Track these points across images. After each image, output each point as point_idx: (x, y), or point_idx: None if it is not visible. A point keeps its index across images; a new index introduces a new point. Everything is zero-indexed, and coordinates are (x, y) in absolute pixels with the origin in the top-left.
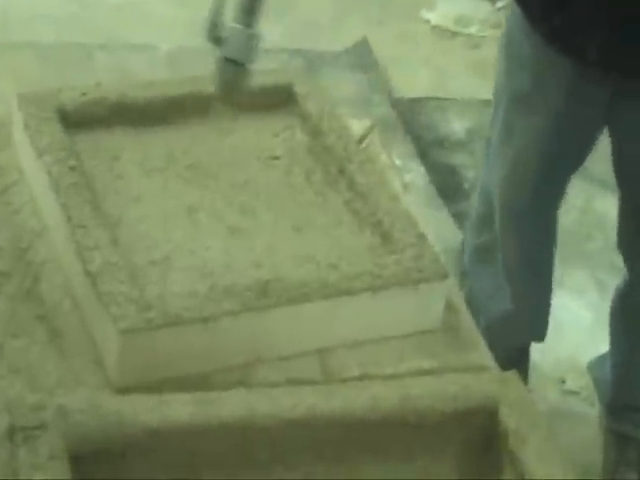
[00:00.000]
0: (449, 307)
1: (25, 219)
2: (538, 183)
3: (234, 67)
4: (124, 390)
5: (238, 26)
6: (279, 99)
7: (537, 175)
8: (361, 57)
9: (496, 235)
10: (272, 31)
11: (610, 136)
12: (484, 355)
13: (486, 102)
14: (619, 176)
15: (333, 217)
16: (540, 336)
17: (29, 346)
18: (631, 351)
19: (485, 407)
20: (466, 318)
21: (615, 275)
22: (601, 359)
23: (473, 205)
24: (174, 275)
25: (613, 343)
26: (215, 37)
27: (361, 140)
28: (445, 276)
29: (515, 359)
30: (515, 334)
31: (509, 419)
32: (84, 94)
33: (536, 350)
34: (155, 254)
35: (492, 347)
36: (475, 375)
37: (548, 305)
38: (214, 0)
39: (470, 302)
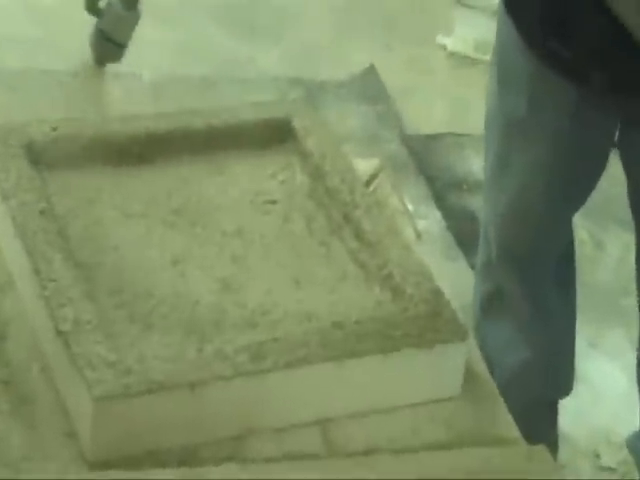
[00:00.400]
0: (469, 371)
1: None
2: (542, 222)
3: (108, 43)
4: (99, 465)
5: (117, 3)
6: (276, 135)
7: (540, 214)
8: (368, 87)
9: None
10: (268, 56)
11: (624, 167)
12: (509, 426)
13: None
14: (636, 212)
15: (337, 269)
16: (565, 389)
17: None
18: None
19: None
20: (488, 384)
21: None
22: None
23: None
24: (157, 335)
25: None
26: (95, 9)
27: (369, 182)
28: (464, 336)
29: (538, 418)
30: (535, 387)
31: None
32: (55, 129)
33: (568, 419)
34: (135, 310)
35: (510, 404)
36: (499, 449)
37: (571, 353)
38: None
39: (483, 356)
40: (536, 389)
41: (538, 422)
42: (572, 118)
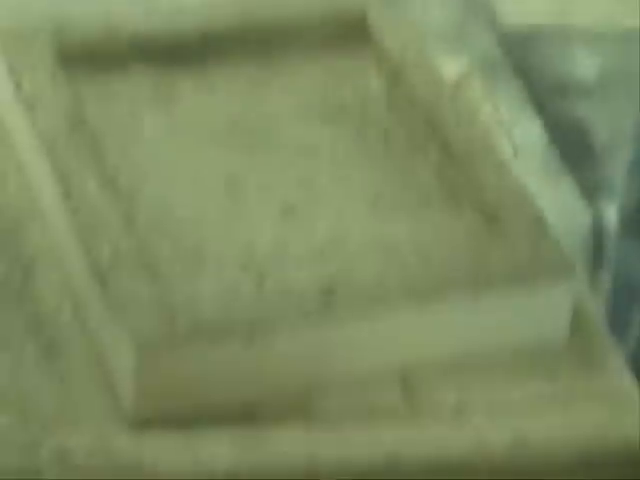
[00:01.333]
0: (577, 312)
1: (11, 196)
2: None
3: None
4: (143, 425)
5: None
6: (346, 32)
7: None
8: None
9: None
10: None
11: None
12: (624, 379)
13: (628, 32)
14: None
15: (421, 192)
16: None
17: (18, 366)
18: None
19: (626, 453)
20: (600, 327)
21: None
22: None
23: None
24: (208, 270)
25: None
26: None
27: (457, 86)
28: (572, 270)
29: None
30: None
31: None
32: (90, 26)
33: None
34: (183, 242)
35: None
36: (612, 408)
37: None
38: None
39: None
40: None
41: None
42: None
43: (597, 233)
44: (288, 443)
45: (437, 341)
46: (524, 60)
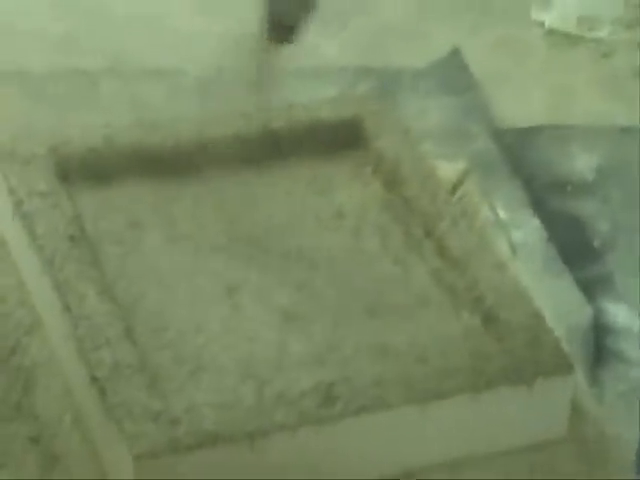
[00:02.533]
0: (576, 410)
1: (11, 310)
2: None
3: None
4: None
5: None
6: (344, 138)
7: None
8: (452, 75)
9: None
10: (333, 42)
11: None
12: (623, 474)
13: (623, 130)
14: None
15: (417, 293)
16: None
17: (19, 478)
18: None
19: None
20: (599, 425)
21: None
22: None
23: None
24: (208, 378)
25: None
26: None
27: (454, 189)
28: (571, 369)
29: None
30: None
31: None
32: (87, 138)
33: None
34: (183, 350)
35: None
36: None
37: None
38: None
39: None
40: None
41: None
42: None
43: (598, 329)
44: None
45: (437, 443)
46: (521, 160)
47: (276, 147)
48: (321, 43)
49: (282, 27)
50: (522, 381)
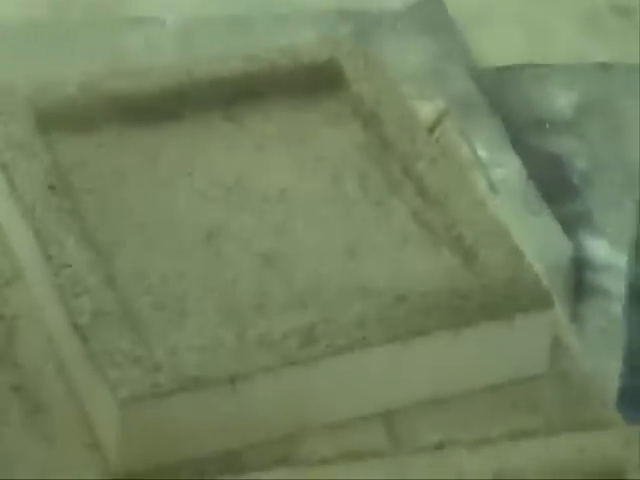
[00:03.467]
0: (556, 345)
1: None
2: None
3: None
4: (127, 478)
5: None
6: (322, 81)
7: None
8: (430, 15)
9: None
10: None
11: None
12: (604, 408)
13: (602, 66)
14: None
15: (398, 233)
16: None
17: (3, 426)
18: None
19: (608, 471)
20: (579, 359)
21: None
22: None
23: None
24: (190, 322)
25: None
26: None
27: (432, 129)
28: (550, 304)
29: None
30: None
31: None
32: (66, 86)
33: None
34: (164, 296)
35: None
36: (592, 434)
37: None
38: None
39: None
40: None
41: None
42: None
43: (578, 265)
44: None
45: (418, 380)
46: (500, 99)
47: (255, 91)
48: None
49: None
50: (502, 317)
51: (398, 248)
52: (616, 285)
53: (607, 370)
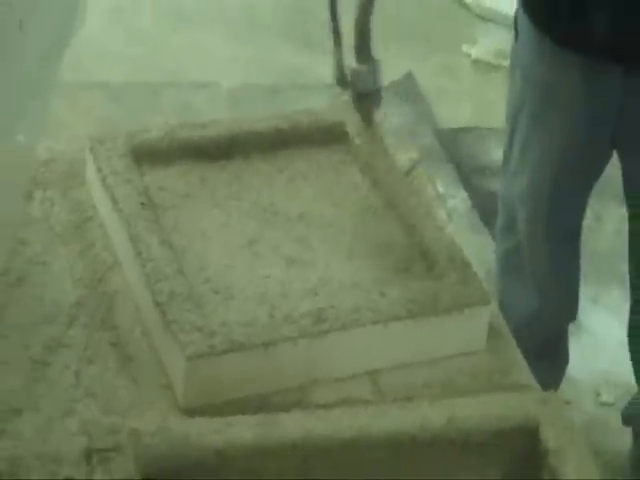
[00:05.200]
0: (492, 329)
1: (99, 253)
2: (556, 195)
3: (366, 99)
4: (191, 412)
5: (360, 65)
6: (332, 136)
7: (554, 188)
8: (407, 90)
9: (520, 241)
10: (324, 65)
11: (619, 156)
12: (526, 375)
13: None
14: (627, 196)
15: (384, 246)
16: (572, 318)
17: (103, 371)
18: None
19: (526, 426)
20: (508, 340)
21: None
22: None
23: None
24: (236, 303)
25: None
26: (342, 81)
27: (408, 172)
28: (488, 301)
29: (551, 346)
30: (545, 328)
31: (549, 438)
32: (153, 133)
33: (572, 364)
34: (218, 284)
35: (523, 345)
36: (517, 395)
37: (576, 296)
38: (335, 52)
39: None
40: (546, 331)
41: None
42: (579, 99)
43: None
44: (290, 424)
45: (394, 350)
46: (455, 151)
47: (284, 141)
48: (315, 66)
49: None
50: (455, 309)
51: (383, 255)
52: None
53: None
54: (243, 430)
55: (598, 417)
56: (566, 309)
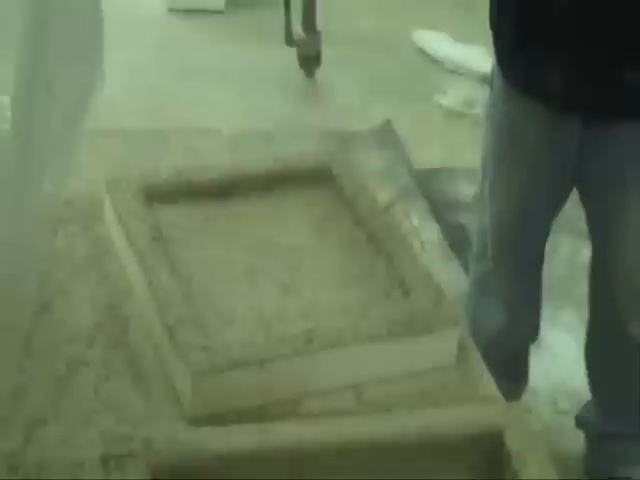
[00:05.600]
0: (461, 346)
1: (115, 281)
2: (521, 227)
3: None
4: (197, 422)
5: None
6: (320, 177)
7: (520, 221)
8: (386, 136)
9: (491, 264)
10: (313, 114)
11: (580, 194)
12: (491, 388)
13: None
14: (591, 232)
15: (366, 274)
16: (533, 338)
17: (119, 387)
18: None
19: (492, 433)
20: (475, 355)
21: None
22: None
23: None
24: (236, 326)
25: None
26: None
27: (387, 208)
28: (459, 322)
29: (514, 364)
30: (512, 344)
31: (512, 442)
32: (162, 174)
33: (532, 376)
34: (220, 308)
35: (492, 359)
36: (484, 405)
37: (539, 315)
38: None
39: (473, 322)
40: (511, 347)
41: (513, 367)
42: (539, 143)
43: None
44: (285, 431)
45: (375, 366)
46: (428, 188)
47: (278, 181)
48: (306, 115)
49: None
50: (429, 330)
51: (365, 282)
52: None
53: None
54: (243, 437)
55: (555, 423)
56: (530, 326)
